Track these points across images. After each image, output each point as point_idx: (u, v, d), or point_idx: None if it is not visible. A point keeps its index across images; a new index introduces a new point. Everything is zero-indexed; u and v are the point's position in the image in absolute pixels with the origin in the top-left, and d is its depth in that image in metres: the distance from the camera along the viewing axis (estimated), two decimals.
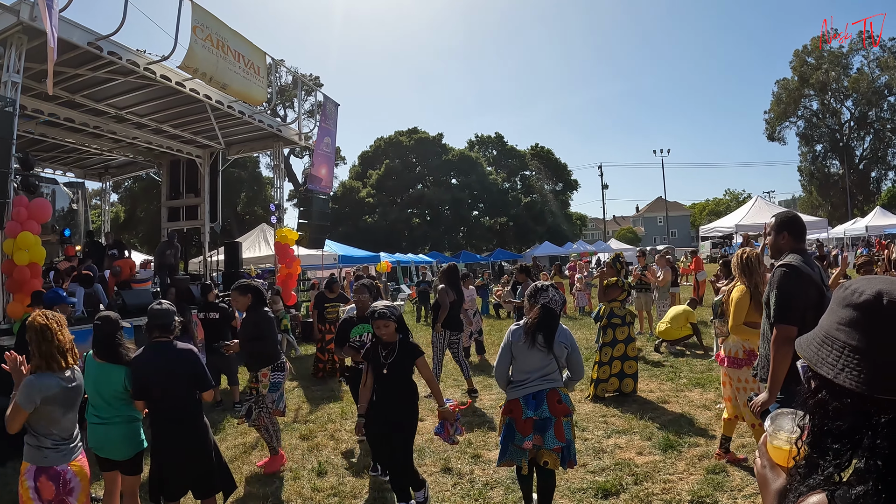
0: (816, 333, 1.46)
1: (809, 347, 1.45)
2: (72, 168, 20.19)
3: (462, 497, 6.00)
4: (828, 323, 1.44)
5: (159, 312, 5.21)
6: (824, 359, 1.38)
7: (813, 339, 1.46)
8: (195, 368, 5.08)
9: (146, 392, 4.99)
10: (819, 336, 1.44)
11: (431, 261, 41.62)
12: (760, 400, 4.18)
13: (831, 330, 1.41)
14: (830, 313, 1.44)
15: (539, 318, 5.10)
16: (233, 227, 42.68)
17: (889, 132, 62.98)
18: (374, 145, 65.61)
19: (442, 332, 10.56)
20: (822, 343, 1.42)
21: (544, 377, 5.06)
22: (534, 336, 5.04)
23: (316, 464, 7.13)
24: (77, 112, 14.27)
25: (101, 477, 5.36)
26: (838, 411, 1.35)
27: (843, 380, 1.32)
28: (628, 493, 5.80)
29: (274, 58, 15.85)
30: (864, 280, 1.42)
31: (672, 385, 9.97)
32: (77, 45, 10.35)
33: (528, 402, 4.98)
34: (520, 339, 5.10)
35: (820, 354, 1.40)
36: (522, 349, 5.08)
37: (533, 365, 5.07)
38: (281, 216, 18.88)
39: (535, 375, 5.05)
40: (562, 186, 72.45)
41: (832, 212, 59.52)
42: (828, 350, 1.39)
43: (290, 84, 50.30)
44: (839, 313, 1.41)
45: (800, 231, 4.44)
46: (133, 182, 49.19)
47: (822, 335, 1.43)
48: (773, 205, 34.81)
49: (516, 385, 5.12)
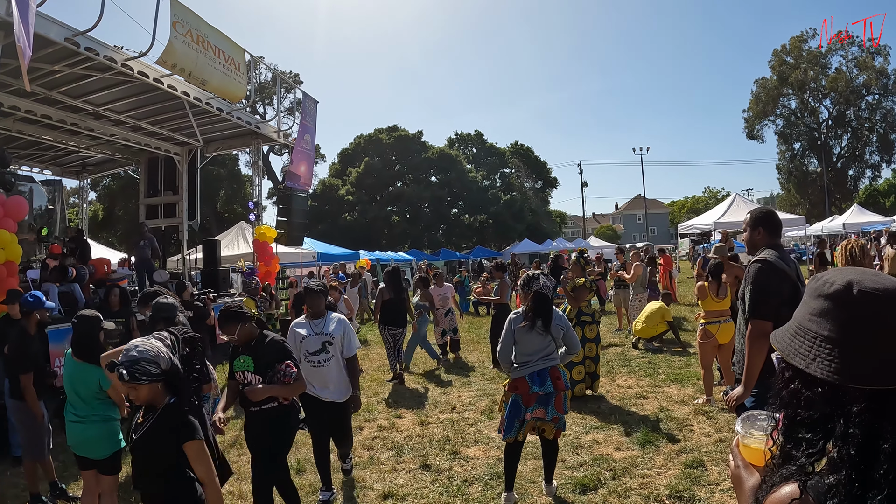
0: (790, 325, 1.47)
1: (783, 339, 1.46)
2: (49, 166, 19.92)
3: (440, 493, 6.01)
4: (800, 314, 1.45)
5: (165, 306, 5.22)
6: (797, 349, 1.39)
7: (786, 331, 1.47)
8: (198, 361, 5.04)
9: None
10: (792, 327, 1.45)
11: (411, 258, 41.56)
12: (736, 394, 4.21)
13: (803, 321, 1.42)
14: (803, 304, 1.46)
15: (535, 304, 5.68)
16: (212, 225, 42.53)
17: (866, 131, 63.57)
18: (354, 143, 65.31)
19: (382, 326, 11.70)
20: (794, 334, 1.43)
21: (545, 357, 5.65)
22: (533, 320, 5.61)
23: (294, 461, 7.10)
24: (54, 109, 14.08)
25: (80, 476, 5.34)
26: (811, 401, 1.35)
27: (814, 370, 1.33)
28: (606, 489, 5.84)
29: (253, 55, 15.79)
30: (836, 271, 1.43)
31: (650, 381, 10.03)
32: (54, 40, 10.20)
33: (534, 380, 5.55)
34: (520, 324, 5.65)
35: (793, 345, 1.41)
36: (524, 333, 5.63)
37: (534, 347, 5.62)
38: (260, 214, 18.80)
39: (538, 356, 5.63)
40: (541, 184, 72.55)
41: (810, 209, 59.90)
42: (800, 341, 1.40)
43: (270, 81, 50.11)
44: (811, 304, 1.42)
45: (775, 227, 4.47)
46: (111, 180, 48.73)
47: (795, 326, 1.44)
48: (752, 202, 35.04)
49: (521, 366, 5.64)
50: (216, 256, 17.86)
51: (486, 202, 61.68)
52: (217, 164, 47.41)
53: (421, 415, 8.93)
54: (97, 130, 15.76)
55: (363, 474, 6.65)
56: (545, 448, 5.87)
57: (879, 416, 1.27)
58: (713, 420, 7.68)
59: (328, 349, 5.98)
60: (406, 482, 6.38)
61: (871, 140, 63.82)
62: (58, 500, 6.33)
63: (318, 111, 19.31)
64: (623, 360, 11.65)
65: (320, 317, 6.14)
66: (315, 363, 5.95)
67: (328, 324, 6.09)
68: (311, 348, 5.98)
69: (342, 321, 6.20)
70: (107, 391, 5.08)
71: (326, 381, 6.01)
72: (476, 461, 6.86)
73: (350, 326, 6.23)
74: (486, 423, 8.24)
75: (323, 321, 6.11)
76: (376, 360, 13.07)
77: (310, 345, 6.00)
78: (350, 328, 6.22)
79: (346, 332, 6.11)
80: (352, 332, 6.24)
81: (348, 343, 6.10)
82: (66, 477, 6.81)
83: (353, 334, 6.27)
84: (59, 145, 17.20)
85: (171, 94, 13.38)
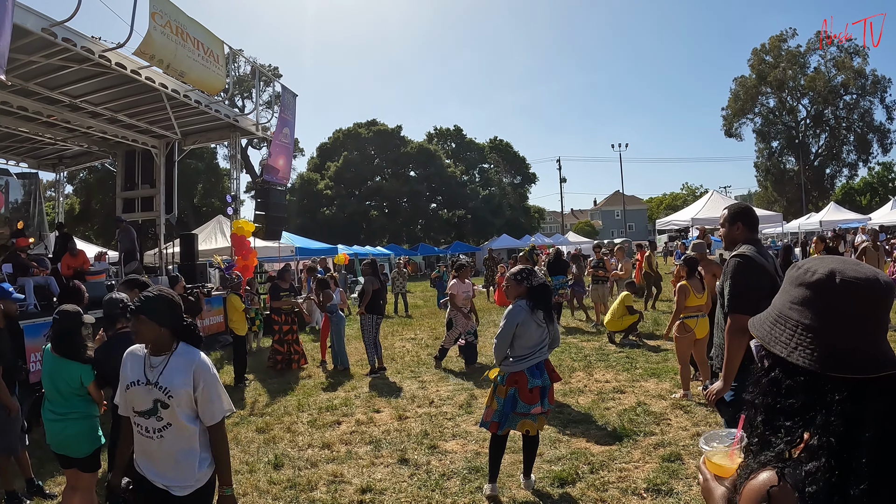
0: (769, 313, 1.48)
1: (762, 327, 1.47)
2: (25, 158, 19.65)
3: (419, 488, 6.01)
4: (780, 302, 1.46)
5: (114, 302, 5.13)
6: (777, 338, 1.40)
7: (766, 319, 1.48)
8: None
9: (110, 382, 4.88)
10: (772, 315, 1.46)
11: (389, 253, 41.52)
12: (715, 388, 4.21)
13: (784, 309, 1.43)
14: (783, 293, 1.47)
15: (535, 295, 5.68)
16: (189, 218, 42.28)
17: (844, 130, 64.21)
18: (333, 137, 65.18)
19: (369, 316, 11.69)
20: (774, 322, 1.44)
21: (542, 349, 5.68)
22: (533, 311, 5.59)
23: (272, 456, 7.09)
24: (30, 100, 13.92)
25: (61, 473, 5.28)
26: (791, 389, 1.36)
27: (796, 358, 1.34)
28: (585, 482, 5.86)
29: (232, 47, 15.70)
30: (817, 260, 1.44)
31: (628, 375, 10.08)
32: (31, 30, 10.07)
33: (534, 373, 5.56)
34: (522, 317, 5.57)
35: (773, 333, 1.42)
36: (526, 327, 5.56)
37: (534, 340, 5.60)
38: (238, 208, 18.70)
39: (537, 349, 5.63)
40: (520, 179, 72.90)
41: (787, 207, 60.32)
42: (780, 329, 1.41)
43: (249, 74, 49.86)
44: (792, 292, 1.43)
45: (753, 222, 4.50)
46: (88, 173, 48.42)
47: (775, 315, 1.45)
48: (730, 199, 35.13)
49: (521, 359, 5.60)
50: (194, 250, 17.78)
51: (464, 197, 61.84)
52: (195, 158, 47.20)
53: (399, 409, 8.90)
54: (74, 122, 15.60)
55: (341, 469, 6.63)
56: (526, 442, 5.86)
57: (859, 405, 1.29)
58: (690, 414, 7.73)
59: (161, 413, 3.45)
60: (384, 476, 6.37)
61: (848, 139, 64.50)
62: (35, 497, 6.22)
63: (297, 105, 19.23)
64: (601, 355, 11.70)
65: (162, 352, 3.53)
66: (142, 431, 3.52)
67: (172, 369, 3.47)
68: (139, 405, 3.51)
69: (200, 364, 3.52)
70: (87, 387, 5.02)
71: (156, 459, 3.54)
72: (454, 455, 6.87)
73: (213, 374, 3.56)
74: (464, 418, 8.25)
75: (163, 362, 3.50)
76: (354, 354, 13.04)
77: (137, 398, 3.51)
78: (213, 377, 3.54)
79: (205, 384, 3.48)
80: (214, 382, 3.54)
81: (206, 404, 3.51)
82: (43, 474, 6.72)
83: (215, 386, 3.55)
84: (35, 137, 17.00)
85: (148, 85, 13.28)
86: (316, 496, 5.99)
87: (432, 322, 18.88)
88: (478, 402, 8.79)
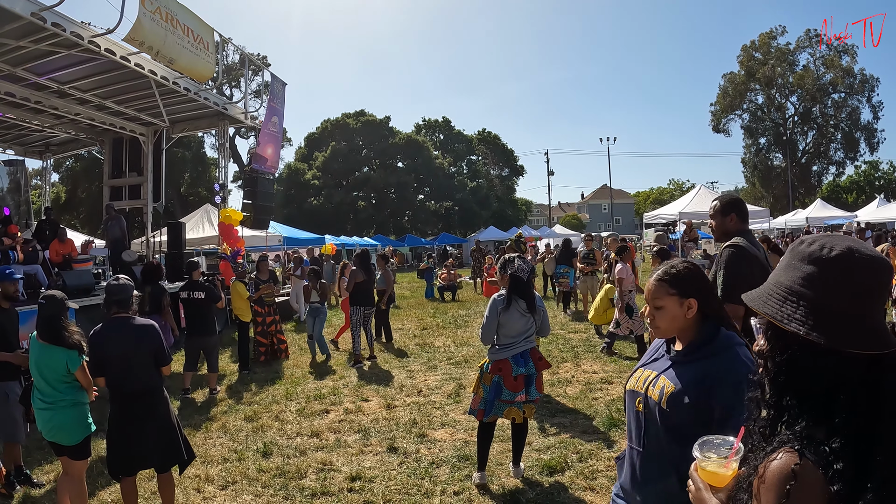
0: (773, 290, 1.45)
1: (768, 304, 1.44)
2: (11, 145, 19.54)
3: (408, 476, 6.02)
4: (789, 279, 1.43)
5: (116, 288, 5.10)
6: (791, 315, 1.37)
7: (770, 296, 1.45)
8: (155, 343, 4.97)
9: (104, 369, 4.88)
10: (778, 293, 1.43)
11: (376, 244, 41.48)
12: None
13: (794, 286, 1.40)
14: (790, 268, 1.44)
15: (510, 285, 5.69)
16: (176, 207, 42.05)
17: (832, 128, 64.64)
18: (321, 127, 65.03)
19: (356, 308, 11.64)
20: (783, 300, 1.41)
21: (527, 338, 5.73)
22: (509, 301, 5.61)
23: (261, 445, 7.09)
24: (18, 86, 13.83)
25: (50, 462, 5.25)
26: (808, 369, 1.36)
27: (816, 337, 1.32)
28: (573, 471, 5.90)
29: (222, 35, 15.61)
30: (829, 237, 1.42)
31: (615, 366, 10.13)
32: (20, 14, 9.98)
33: (518, 361, 5.63)
34: (501, 307, 5.60)
35: (784, 311, 1.39)
36: (507, 316, 5.60)
37: (517, 329, 5.65)
38: (225, 196, 18.58)
39: (521, 338, 5.68)
40: (508, 172, 72.89)
41: (774, 203, 60.67)
42: (793, 306, 1.38)
43: (238, 63, 49.62)
44: (803, 268, 1.40)
45: (745, 213, 4.50)
46: (74, 161, 48.14)
47: (783, 292, 1.42)
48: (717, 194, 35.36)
49: (504, 347, 5.67)
50: (181, 239, 17.68)
51: (452, 189, 61.91)
52: (182, 147, 47.02)
53: (387, 398, 8.92)
54: (61, 109, 15.52)
55: (330, 457, 6.64)
56: (515, 430, 5.91)
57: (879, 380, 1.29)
58: None
59: None
60: (373, 465, 6.39)
61: (835, 137, 64.95)
62: (23, 486, 6.18)
63: (286, 94, 19.17)
64: (588, 346, 11.75)
65: None
66: None
67: None
68: None
69: None
70: (74, 374, 4.99)
71: None
72: (443, 444, 6.89)
73: None
74: (452, 407, 8.28)
75: None
76: (342, 343, 13.04)
77: None
78: None
79: None
80: None
81: None
82: (31, 462, 6.68)
83: None
84: (22, 124, 16.88)
85: (137, 72, 13.23)
86: (305, 484, 5.99)
87: (419, 313, 18.92)
88: (465, 392, 8.81)
